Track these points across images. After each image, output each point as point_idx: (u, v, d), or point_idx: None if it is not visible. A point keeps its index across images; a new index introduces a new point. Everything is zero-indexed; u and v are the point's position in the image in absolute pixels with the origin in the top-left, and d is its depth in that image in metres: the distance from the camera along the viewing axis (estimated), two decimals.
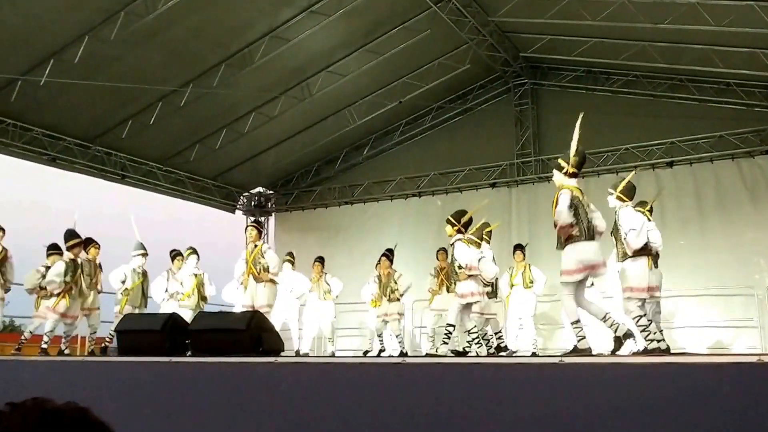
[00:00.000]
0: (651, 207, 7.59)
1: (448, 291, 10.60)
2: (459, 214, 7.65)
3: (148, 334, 5.73)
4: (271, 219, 16.54)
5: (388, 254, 10.74)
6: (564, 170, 5.73)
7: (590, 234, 5.51)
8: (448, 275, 10.63)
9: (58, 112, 11.31)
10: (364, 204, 15.32)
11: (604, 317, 5.50)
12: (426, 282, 11.00)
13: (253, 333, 5.35)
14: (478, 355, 7.52)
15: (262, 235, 8.49)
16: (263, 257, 8.04)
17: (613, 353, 5.62)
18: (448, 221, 7.58)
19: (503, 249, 11.23)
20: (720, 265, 11.30)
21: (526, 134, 13.75)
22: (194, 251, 10.25)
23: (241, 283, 8.34)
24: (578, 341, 5.44)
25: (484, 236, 9.19)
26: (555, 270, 10.33)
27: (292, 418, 4.68)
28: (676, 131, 11.96)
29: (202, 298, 10.08)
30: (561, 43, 12.07)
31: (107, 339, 9.73)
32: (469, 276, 7.30)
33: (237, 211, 16.41)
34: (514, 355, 9.12)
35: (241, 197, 16.31)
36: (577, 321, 5.48)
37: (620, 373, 3.94)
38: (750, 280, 11.11)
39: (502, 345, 8.72)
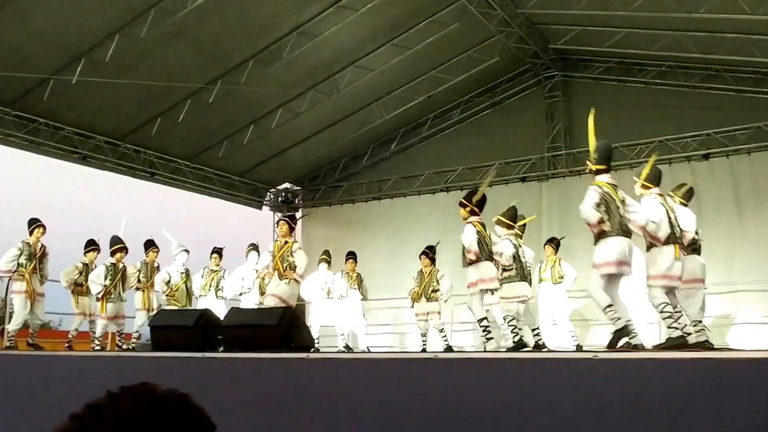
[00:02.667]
0: (690, 189, 7.31)
1: None
2: (470, 194, 7.51)
3: (180, 329, 5.73)
4: (298, 215, 16.54)
5: (428, 252, 10.46)
6: (588, 169, 5.83)
7: (623, 229, 5.48)
8: None
9: (88, 110, 11.41)
10: (391, 199, 15.24)
11: (609, 306, 5.47)
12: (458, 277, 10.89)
13: (284, 329, 5.31)
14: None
15: (293, 231, 8.39)
16: (291, 255, 7.94)
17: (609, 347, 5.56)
18: (460, 203, 7.44)
19: (533, 244, 11.06)
20: (756, 258, 11.02)
21: (556, 127, 13.55)
22: (255, 248, 10.50)
23: (263, 277, 8.30)
24: (614, 322, 5.41)
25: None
26: (587, 265, 10.25)
27: (323, 413, 4.63)
28: (712, 123, 11.66)
29: (263, 293, 10.22)
30: (592, 34, 11.87)
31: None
32: (476, 261, 7.03)
33: (264, 207, 16.44)
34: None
35: (268, 193, 16.34)
36: (610, 305, 5.43)
37: (657, 367, 3.83)
38: None
39: (540, 342, 8.39)
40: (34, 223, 8.95)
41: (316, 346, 10.43)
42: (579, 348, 9.45)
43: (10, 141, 11.02)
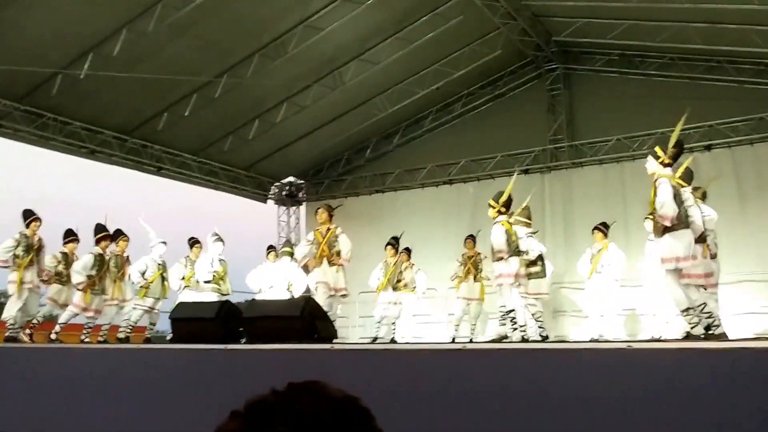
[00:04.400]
0: (704, 192, 7.45)
1: (474, 279, 10.55)
2: (498, 195, 7.74)
3: (202, 321, 5.79)
4: (302, 208, 16.64)
5: (393, 242, 10.64)
6: (660, 159, 5.70)
7: (686, 222, 5.49)
8: (475, 263, 10.61)
9: (96, 105, 11.46)
10: (395, 192, 15.31)
11: (687, 310, 5.49)
12: (449, 269, 11.08)
13: (307, 320, 5.38)
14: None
15: (332, 219, 8.48)
16: (337, 241, 8.04)
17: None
18: (489, 204, 7.69)
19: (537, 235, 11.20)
20: (759, 249, 11.08)
21: (558, 120, 13.63)
22: (219, 238, 10.24)
23: (305, 265, 8.37)
24: (691, 328, 5.47)
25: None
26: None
27: None
28: (714, 114, 11.66)
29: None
30: (595, 26, 11.88)
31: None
32: (501, 258, 7.28)
33: (268, 201, 16.50)
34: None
35: (272, 187, 16.40)
36: (688, 309, 5.44)
37: (691, 358, 3.89)
38: None
39: (543, 334, 8.44)
40: (30, 216, 8.74)
41: None
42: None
43: (19, 136, 11.08)
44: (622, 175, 12.53)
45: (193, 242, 10.42)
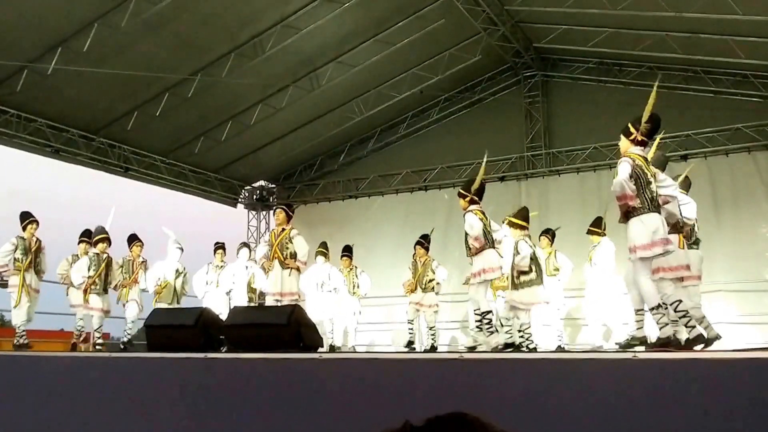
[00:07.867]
0: (687, 178, 7.05)
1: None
2: (468, 184, 7.27)
3: (180, 329, 5.48)
4: (272, 213, 16.31)
5: (423, 241, 10.24)
6: (632, 137, 5.24)
7: (654, 205, 5.02)
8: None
9: (63, 102, 11.01)
10: (368, 198, 15.14)
11: (657, 307, 4.96)
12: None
13: (293, 328, 5.11)
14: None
15: (290, 219, 8.16)
16: (291, 242, 7.71)
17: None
18: (459, 194, 7.20)
19: None
20: (734, 259, 11.13)
21: (536, 127, 13.58)
22: (246, 246, 10.51)
23: (262, 266, 8.13)
24: (660, 328, 4.97)
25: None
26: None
27: (337, 416, 4.47)
28: (690, 124, 11.73)
29: (252, 290, 10.21)
30: (576, 34, 11.86)
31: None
32: (481, 250, 6.78)
33: (239, 205, 16.13)
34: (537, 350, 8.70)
35: (243, 191, 16.04)
36: (658, 307, 4.93)
37: (698, 368, 3.77)
38: (764, 275, 11.00)
39: (527, 343, 7.62)
40: (27, 218, 8.77)
41: (332, 343, 10.20)
42: (559, 350, 9.31)
43: None
44: (599, 183, 12.49)
45: (218, 247, 10.49)
